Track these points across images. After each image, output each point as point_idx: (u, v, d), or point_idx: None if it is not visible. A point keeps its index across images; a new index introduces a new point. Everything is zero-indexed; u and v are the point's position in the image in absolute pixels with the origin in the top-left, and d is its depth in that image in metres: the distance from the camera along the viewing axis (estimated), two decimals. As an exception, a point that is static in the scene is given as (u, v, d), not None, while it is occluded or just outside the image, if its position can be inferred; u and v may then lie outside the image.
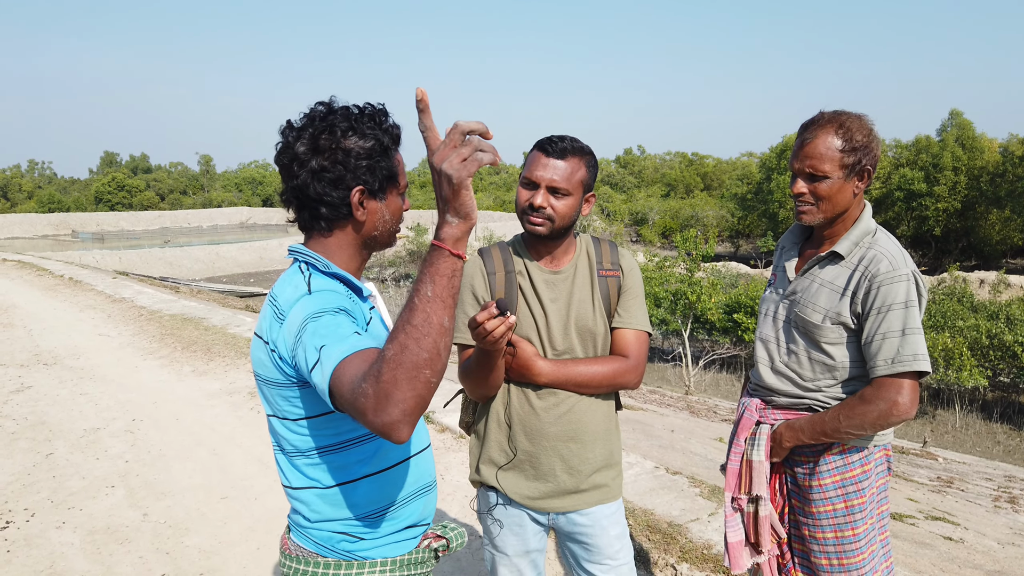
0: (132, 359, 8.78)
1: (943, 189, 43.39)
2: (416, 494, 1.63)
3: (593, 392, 2.07)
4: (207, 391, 7.20)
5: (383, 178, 1.51)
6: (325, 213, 1.50)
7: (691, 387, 15.37)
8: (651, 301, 18.83)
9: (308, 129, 1.47)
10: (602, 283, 2.11)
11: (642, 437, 6.24)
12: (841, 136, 2.00)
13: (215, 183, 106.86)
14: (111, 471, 5.08)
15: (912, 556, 3.90)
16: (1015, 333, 16.76)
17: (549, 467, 2.07)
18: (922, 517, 5.02)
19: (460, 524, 4.06)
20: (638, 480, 4.62)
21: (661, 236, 56.71)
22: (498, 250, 2.15)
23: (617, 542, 2.14)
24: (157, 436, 5.84)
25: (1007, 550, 4.48)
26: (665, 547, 3.64)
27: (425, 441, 1.69)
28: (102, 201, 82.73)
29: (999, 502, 7.12)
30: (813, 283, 2.12)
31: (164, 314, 11.75)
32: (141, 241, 50.31)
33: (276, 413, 1.51)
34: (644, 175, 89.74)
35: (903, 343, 1.93)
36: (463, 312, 2.10)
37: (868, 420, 1.96)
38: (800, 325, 2.13)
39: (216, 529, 4.19)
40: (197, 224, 68.28)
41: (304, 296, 1.41)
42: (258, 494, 4.65)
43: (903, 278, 1.96)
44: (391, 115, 1.55)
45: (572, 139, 2.01)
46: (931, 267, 42.40)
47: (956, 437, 14.85)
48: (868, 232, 2.08)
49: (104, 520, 4.30)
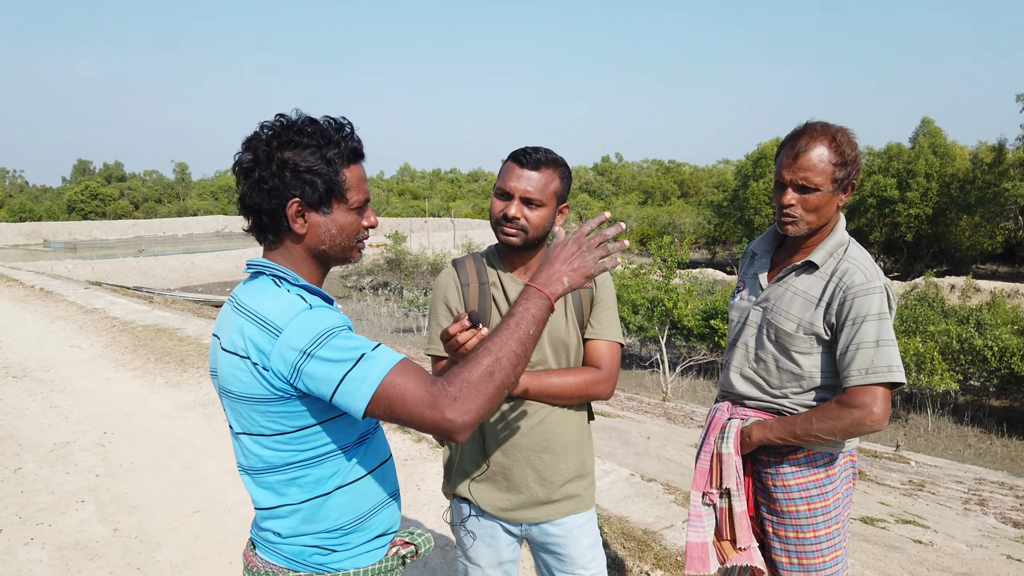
0: (104, 371, 8.66)
1: (915, 196, 44.06)
2: (384, 503, 1.64)
3: (566, 403, 2.08)
4: (180, 403, 7.13)
5: (324, 191, 1.50)
6: (267, 223, 1.51)
7: (668, 393, 15.46)
8: (628, 308, 18.94)
9: (254, 140, 1.49)
10: (575, 294, 2.12)
11: (618, 444, 6.26)
12: (834, 149, 2.02)
13: (191, 191, 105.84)
14: (81, 485, 5.01)
15: (882, 560, 3.95)
16: (985, 338, 17.06)
17: (522, 478, 2.08)
18: (893, 521, 5.09)
19: (432, 534, 4.05)
20: (613, 488, 4.64)
21: (639, 243, 57.00)
22: (472, 261, 2.15)
23: (590, 551, 2.15)
24: (129, 449, 5.77)
25: (975, 552, 4.55)
26: (640, 554, 3.65)
27: (388, 451, 1.70)
28: (75, 210, 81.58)
29: (969, 504, 7.24)
30: (787, 292, 2.14)
31: (137, 325, 11.61)
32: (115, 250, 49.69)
33: (248, 430, 1.50)
34: (622, 182, 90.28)
35: (877, 354, 1.95)
36: (436, 324, 2.11)
37: (840, 427, 1.98)
38: (772, 333, 2.15)
39: (188, 543, 4.14)
40: (172, 233, 67.56)
41: (305, 311, 1.40)
42: (231, 507, 4.61)
43: (877, 290, 1.99)
44: (349, 129, 1.54)
45: (546, 151, 2.03)
46: (903, 273, 43.02)
47: (928, 441, 15.06)
48: (842, 243, 2.11)
49: (73, 536, 4.24)
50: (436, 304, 2.13)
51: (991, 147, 43.02)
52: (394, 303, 31.68)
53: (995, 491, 8.46)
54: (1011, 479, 10.17)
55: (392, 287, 34.99)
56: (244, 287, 1.53)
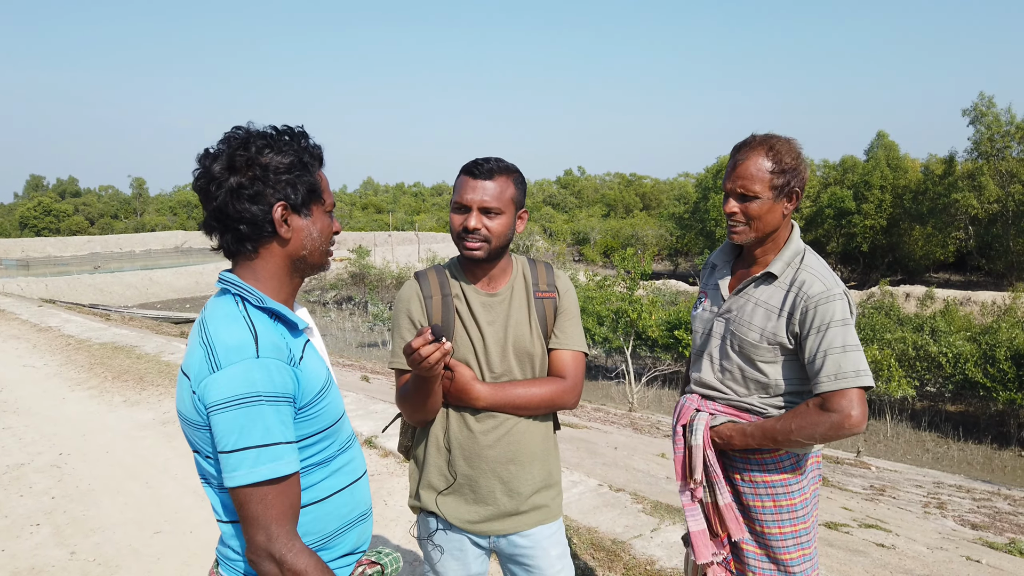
0: (59, 390, 8.43)
1: (870, 207, 45.15)
2: (353, 523, 1.61)
3: (532, 414, 2.08)
4: (139, 422, 6.97)
5: (306, 193, 1.50)
6: (248, 232, 1.47)
7: (635, 404, 15.54)
8: (594, 320, 19.03)
9: (224, 150, 1.45)
10: (538, 305, 2.12)
11: (586, 455, 6.28)
12: (771, 158, 2.06)
13: (148, 207, 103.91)
14: (36, 508, 4.85)
15: (846, 564, 4.01)
16: (939, 344, 17.50)
17: (489, 490, 2.07)
18: (856, 525, 5.17)
19: (400, 549, 4.01)
20: (582, 498, 4.64)
21: (603, 255, 57.41)
22: (435, 273, 2.14)
23: (558, 562, 2.15)
24: (86, 470, 5.61)
25: (935, 554, 4.64)
26: (609, 564, 3.66)
27: (361, 469, 1.67)
28: (27, 226, 79.61)
29: (928, 508, 7.40)
30: (748, 302, 2.17)
31: (93, 343, 11.34)
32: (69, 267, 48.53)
33: (199, 450, 1.47)
34: (584, 195, 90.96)
35: (844, 359, 1.98)
36: (400, 337, 2.09)
37: (819, 431, 1.99)
38: (736, 344, 2.17)
39: (149, 565, 4.04)
40: (130, 249, 66.20)
41: (246, 361, 1.36)
42: (193, 527, 4.51)
43: (837, 297, 2.02)
44: (311, 136, 1.54)
45: (497, 159, 2.03)
46: (860, 282, 43.97)
47: (888, 446, 15.37)
48: (798, 253, 2.15)
49: (28, 560, 4.11)
50: (399, 317, 2.11)
51: (941, 159, 44.31)
52: (358, 317, 31.44)
53: (953, 494, 8.67)
54: (968, 482, 10.44)
55: (356, 301, 34.73)
56: (212, 303, 1.50)
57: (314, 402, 1.48)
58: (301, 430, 1.46)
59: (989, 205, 40.19)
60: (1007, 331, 16.91)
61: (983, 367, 16.13)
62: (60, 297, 29.46)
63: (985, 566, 4.49)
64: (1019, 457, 14.66)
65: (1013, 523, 7.13)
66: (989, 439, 15.57)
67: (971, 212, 40.55)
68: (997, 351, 16.00)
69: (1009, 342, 16.09)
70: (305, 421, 1.47)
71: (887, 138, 49.89)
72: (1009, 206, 39.37)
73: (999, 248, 40.45)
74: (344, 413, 1.63)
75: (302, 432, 1.46)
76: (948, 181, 41.81)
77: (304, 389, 1.45)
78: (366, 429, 6.20)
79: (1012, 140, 39.67)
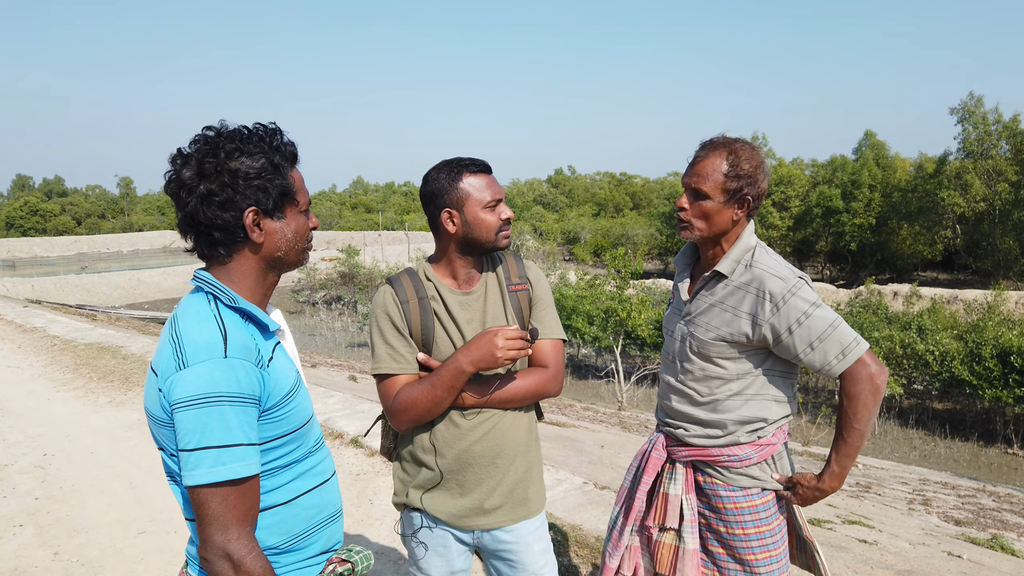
0: (44, 391, 8.38)
1: (859, 206, 45.33)
2: (322, 524, 1.61)
3: (518, 405, 2.09)
4: (125, 422, 6.93)
5: (277, 197, 1.49)
6: (220, 238, 1.47)
7: (624, 403, 15.57)
8: (583, 319, 19.06)
9: (193, 155, 1.44)
10: (513, 297, 2.14)
11: (572, 453, 6.29)
12: (729, 161, 2.05)
13: (136, 206, 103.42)
14: (19, 509, 4.83)
15: (828, 559, 4.03)
16: (926, 343, 17.60)
17: (474, 485, 2.08)
18: (840, 522, 5.20)
19: (385, 547, 4.01)
20: (567, 496, 4.65)
21: (593, 255, 57.45)
22: (407, 277, 2.13)
23: (542, 557, 2.16)
24: (70, 471, 5.59)
25: (917, 550, 4.68)
26: (593, 561, 3.67)
27: (330, 471, 1.66)
28: (13, 226, 79.10)
29: (913, 504, 7.45)
30: (703, 303, 2.17)
31: (79, 343, 11.27)
32: (56, 267, 48.24)
33: (164, 447, 1.47)
34: (575, 195, 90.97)
35: (838, 335, 1.98)
36: (384, 343, 2.06)
37: (868, 405, 1.98)
38: (695, 345, 2.17)
39: (133, 565, 4.02)
40: (117, 249, 65.89)
41: (217, 360, 1.36)
42: (178, 527, 4.49)
43: (797, 287, 2.02)
44: (284, 133, 1.53)
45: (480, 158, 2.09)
46: (848, 281, 44.21)
47: (875, 443, 15.46)
48: (748, 249, 2.13)
49: (11, 561, 4.08)
50: (381, 322, 2.07)
51: (934, 159, 44.51)
52: (348, 317, 31.34)
53: (938, 491, 8.73)
54: (954, 479, 10.51)
55: (346, 301, 34.60)
56: (185, 300, 1.50)
57: (281, 404, 1.48)
58: (268, 432, 1.46)
59: (976, 204, 40.45)
60: (993, 329, 17.02)
61: (969, 365, 16.23)
62: (47, 298, 29.27)
63: (966, 561, 4.52)
64: (1005, 454, 14.79)
65: (996, 519, 7.18)
66: (975, 436, 15.69)
67: (957, 211, 40.81)
68: (983, 349, 16.09)
69: (995, 340, 16.19)
70: (272, 423, 1.46)
71: (875, 137, 50.18)
72: (996, 205, 39.63)
73: (986, 247, 40.73)
74: (313, 416, 1.63)
75: (269, 434, 1.46)
76: (936, 180, 42.06)
77: (271, 391, 1.45)
78: (352, 429, 6.19)
79: (999, 139, 39.95)
